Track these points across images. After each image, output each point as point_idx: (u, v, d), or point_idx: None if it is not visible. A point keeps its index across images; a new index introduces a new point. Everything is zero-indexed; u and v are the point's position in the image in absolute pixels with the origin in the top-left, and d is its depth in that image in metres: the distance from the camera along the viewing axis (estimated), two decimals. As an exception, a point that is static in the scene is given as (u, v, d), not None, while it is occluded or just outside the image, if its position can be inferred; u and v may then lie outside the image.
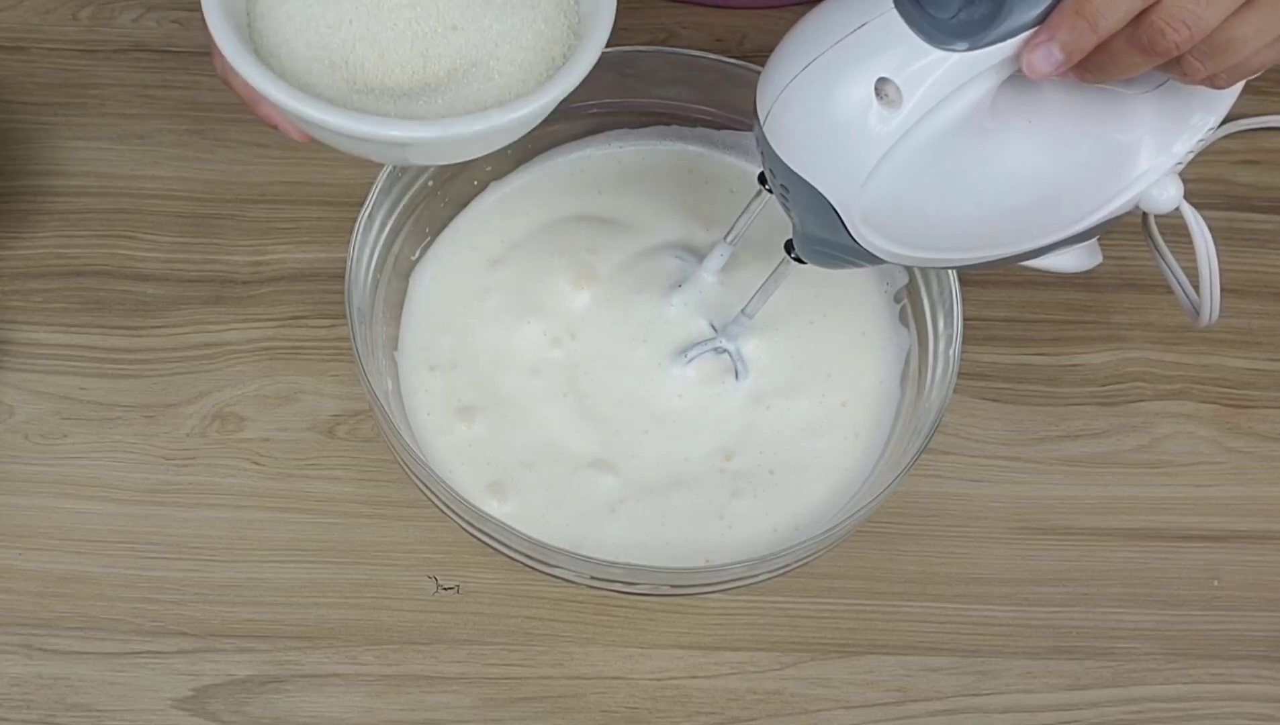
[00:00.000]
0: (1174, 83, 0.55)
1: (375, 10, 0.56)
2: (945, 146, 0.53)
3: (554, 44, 0.58)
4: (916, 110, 0.52)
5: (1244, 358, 0.76)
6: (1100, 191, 0.57)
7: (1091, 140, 0.56)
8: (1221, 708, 0.68)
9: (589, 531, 0.66)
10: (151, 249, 0.76)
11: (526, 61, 0.57)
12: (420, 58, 0.57)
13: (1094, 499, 0.72)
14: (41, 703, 0.66)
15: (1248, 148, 0.81)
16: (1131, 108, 0.56)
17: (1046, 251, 0.59)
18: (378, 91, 0.56)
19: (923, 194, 0.54)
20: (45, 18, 0.83)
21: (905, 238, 0.56)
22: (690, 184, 0.74)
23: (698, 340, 0.69)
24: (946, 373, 0.65)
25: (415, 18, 0.56)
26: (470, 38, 0.57)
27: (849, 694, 0.68)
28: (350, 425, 0.72)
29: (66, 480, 0.71)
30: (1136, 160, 0.57)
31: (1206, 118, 0.57)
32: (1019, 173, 0.55)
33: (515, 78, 0.57)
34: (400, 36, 0.56)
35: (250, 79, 0.54)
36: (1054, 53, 0.50)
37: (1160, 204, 0.58)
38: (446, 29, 0.57)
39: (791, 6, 0.84)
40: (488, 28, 0.57)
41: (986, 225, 0.57)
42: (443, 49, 0.57)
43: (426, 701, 0.67)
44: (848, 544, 0.69)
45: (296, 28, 0.56)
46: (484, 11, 0.57)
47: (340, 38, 0.56)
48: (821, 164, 0.54)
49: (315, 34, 0.56)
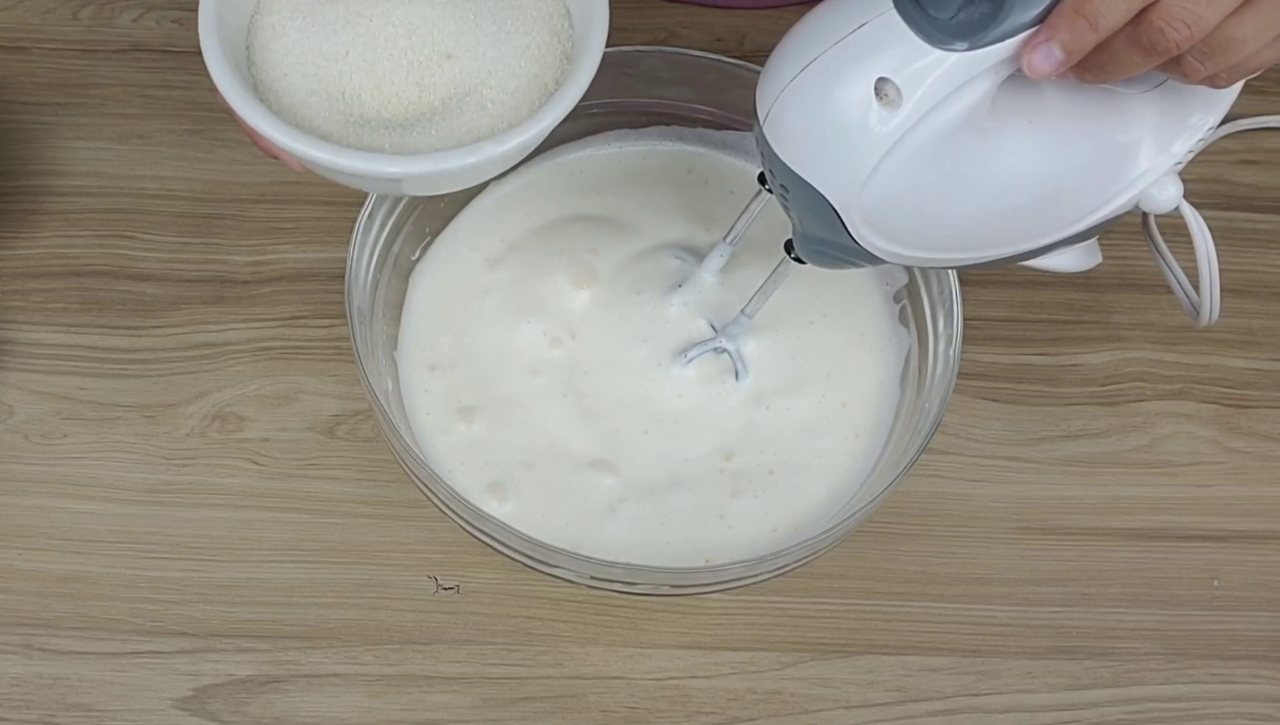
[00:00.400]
0: (1173, 82, 0.55)
1: (372, 41, 0.56)
2: (945, 146, 0.53)
3: (547, 70, 0.58)
4: (916, 110, 0.52)
5: (1244, 358, 0.76)
6: (1100, 191, 0.57)
7: (1091, 140, 0.56)
8: (1221, 708, 0.68)
9: (589, 531, 0.66)
10: (151, 249, 0.76)
11: (519, 89, 0.57)
12: (416, 87, 0.57)
13: (1094, 499, 0.72)
14: (41, 703, 0.66)
15: (1248, 148, 0.81)
16: (1131, 107, 0.56)
17: (1046, 251, 0.59)
18: (374, 123, 0.56)
19: (923, 194, 0.54)
20: (45, 18, 0.83)
21: (905, 238, 0.56)
22: (690, 184, 0.74)
23: (698, 340, 0.69)
24: (946, 373, 0.65)
25: (411, 47, 0.56)
26: (465, 66, 0.57)
27: (849, 694, 0.68)
28: (350, 425, 0.72)
29: (66, 480, 0.71)
30: (1136, 160, 0.57)
31: (1206, 117, 0.57)
32: (1019, 173, 0.55)
33: (508, 106, 0.57)
34: (396, 66, 0.56)
35: (247, 118, 0.55)
36: (1054, 52, 0.50)
37: (1160, 204, 0.58)
38: (441, 57, 0.57)
39: (791, 6, 0.84)
40: (482, 55, 0.57)
41: (986, 225, 0.57)
42: (437, 78, 0.57)
43: (426, 701, 0.67)
44: (848, 544, 0.69)
45: (295, 61, 0.57)
46: (478, 39, 0.57)
47: (338, 70, 0.56)
48: (821, 164, 0.54)
49: (313, 66, 0.57)
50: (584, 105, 0.73)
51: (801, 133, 0.54)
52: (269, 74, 0.57)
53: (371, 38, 0.56)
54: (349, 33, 0.56)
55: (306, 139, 0.55)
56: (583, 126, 0.74)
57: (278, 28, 0.57)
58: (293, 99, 0.57)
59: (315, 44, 0.57)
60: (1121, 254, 0.76)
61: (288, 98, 0.57)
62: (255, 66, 0.57)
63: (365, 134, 0.56)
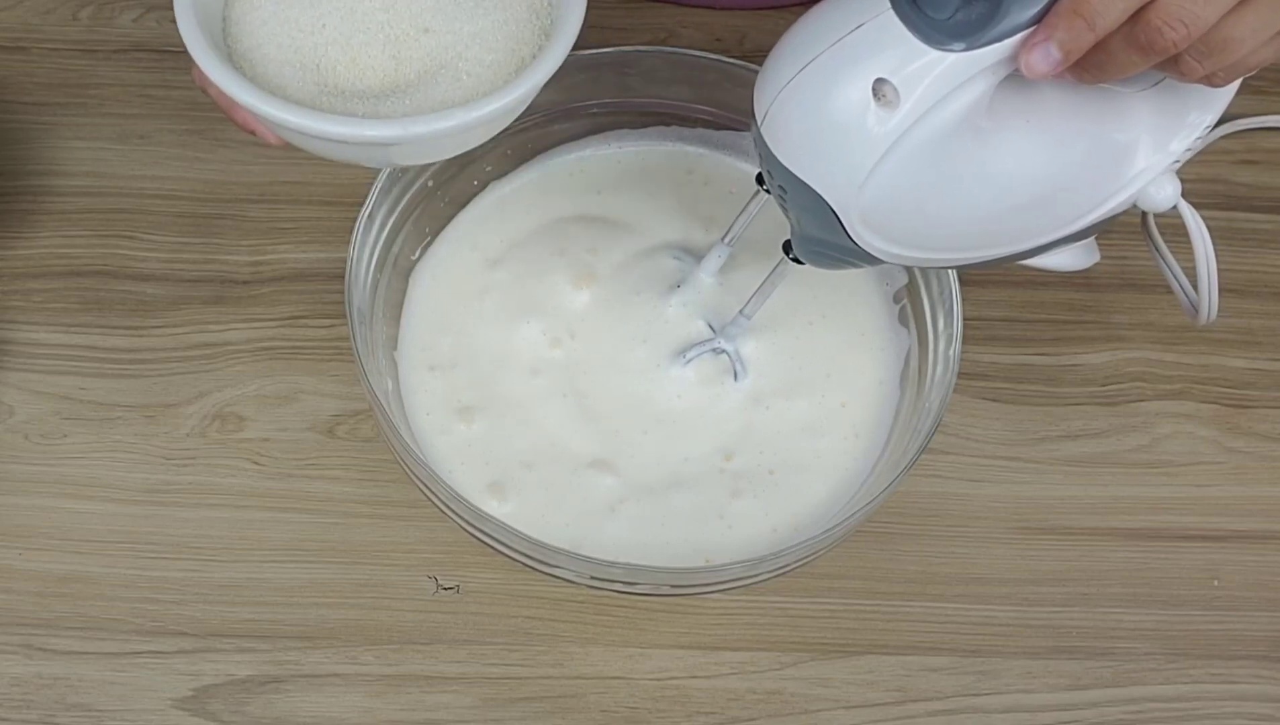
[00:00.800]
0: (1171, 81, 0.55)
1: (349, 14, 0.57)
2: (943, 147, 0.53)
3: (524, 45, 0.58)
4: (914, 111, 0.52)
5: (1244, 358, 0.76)
6: (1098, 190, 0.57)
7: (1089, 139, 0.56)
8: (1221, 708, 0.68)
9: (589, 531, 0.66)
10: (151, 249, 0.77)
11: (495, 62, 0.57)
12: (392, 60, 0.57)
13: (1094, 499, 0.72)
14: (41, 703, 0.66)
15: (1247, 148, 0.81)
16: (1128, 106, 0.56)
17: (1045, 250, 0.59)
18: (348, 94, 0.56)
19: (921, 194, 0.54)
20: (45, 18, 0.83)
21: (904, 238, 0.56)
22: (690, 184, 0.74)
23: (696, 341, 0.69)
24: (946, 373, 0.65)
25: (389, 20, 0.57)
26: (442, 40, 0.57)
27: (849, 694, 0.68)
28: (350, 425, 0.72)
29: (66, 480, 0.71)
30: (1134, 159, 0.57)
31: (1204, 116, 0.57)
32: (1017, 173, 0.55)
33: (484, 79, 0.57)
34: (373, 40, 0.57)
35: (220, 82, 0.54)
36: (1052, 52, 0.50)
37: (1158, 202, 0.58)
38: (419, 31, 0.57)
39: (791, 7, 0.84)
40: (459, 29, 0.57)
41: (985, 225, 0.57)
42: (414, 51, 0.57)
43: (426, 701, 0.67)
44: (848, 544, 0.69)
45: (270, 32, 0.57)
46: (456, 14, 0.57)
47: (313, 41, 0.56)
48: (819, 165, 0.54)
49: (288, 38, 0.57)
50: (584, 105, 0.73)
51: (799, 134, 0.54)
52: (244, 44, 0.57)
53: (349, 11, 0.57)
54: (326, 5, 0.57)
55: (278, 102, 0.54)
56: (583, 126, 0.74)
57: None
58: (267, 69, 0.56)
59: (292, 15, 0.57)
60: (1121, 254, 0.76)
61: (262, 67, 0.56)
62: (231, 37, 0.57)
63: (339, 103, 0.56)
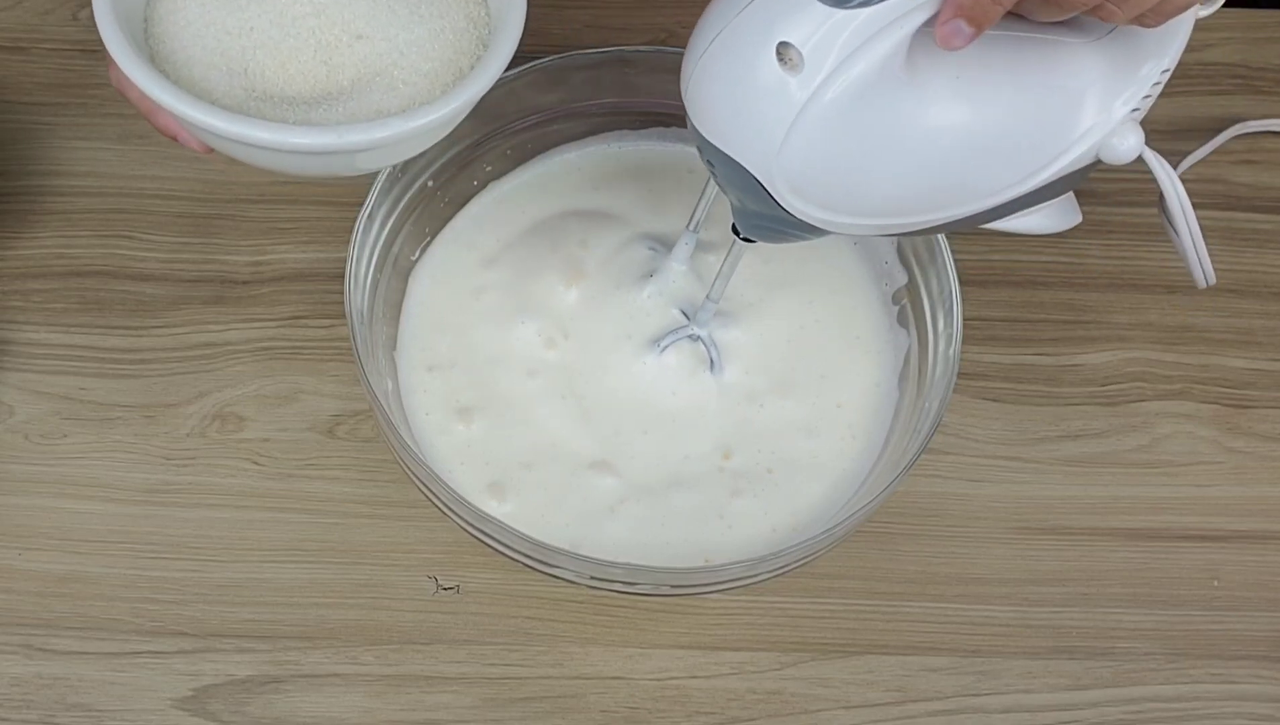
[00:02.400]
0: (1123, 30, 0.53)
1: (278, 18, 0.55)
2: (861, 106, 0.52)
3: (462, 54, 0.57)
4: (820, 72, 0.51)
5: (1244, 358, 0.76)
6: (1049, 144, 0.56)
7: (1032, 91, 0.55)
8: (1221, 708, 0.68)
9: (589, 532, 0.66)
10: (151, 249, 0.76)
11: (432, 71, 0.56)
12: (323, 66, 0.56)
13: (1094, 499, 0.72)
14: (41, 703, 0.66)
15: (1247, 148, 0.81)
16: (1078, 56, 0.55)
17: (1007, 212, 0.57)
18: (277, 99, 0.55)
19: (847, 157, 0.53)
20: (45, 18, 0.83)
21: (837, 203, 0.55)
22: (690, 185, 0.74)
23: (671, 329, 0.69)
24: (946, 373, 0.65)
25: (319, 26, 0.55)
26: (376, 47, 0.56)
27: (849, 694, 0.68)
28: (350, 425, 0.72)
29: (66, 480, 0.71)
30: (1085, 110, 0.55)
31: (1159, 64, 0.55)
32: (945, 127, 0.54)
33: (420, 88, 0.56)
34: (303, 45, 0.55)
35: (142, 85, 0.53)
36: (963, 28, 0.49)
37: (1121, 153, 0.56)
38: (352, 38, 0.56)
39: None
40: (394, 37, 0.56)
41: (920, 185, 0.55)
42: (346, 58, 0.56)
43: (426, 701, 0.67)
44: (848, 544, 0.69)
45: (195, 33, 0.55)
46: (391, 21, 0.56)
47: (240, 45, 0.55)
48: (735, 134, 0.54)
49: (214, 40, 0.55)
50: (584, 105, 0.73)
51: (715, 105, 0.54)
52: (168, 45, 0.55)
53: (278, 15, 0.55)
54: (253, 9, 0.55)
55: (203, 106, 0.53)
56: (583, 127, 0.74)
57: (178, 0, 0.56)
58: (191, 71, 0.55)
59: (217, 18, 0.55)
60: (1121, 254, 0.76)
61: (186, 70, 0.55)
62: (154, 39, 0.56)
63: (268, 108, 0.55)
